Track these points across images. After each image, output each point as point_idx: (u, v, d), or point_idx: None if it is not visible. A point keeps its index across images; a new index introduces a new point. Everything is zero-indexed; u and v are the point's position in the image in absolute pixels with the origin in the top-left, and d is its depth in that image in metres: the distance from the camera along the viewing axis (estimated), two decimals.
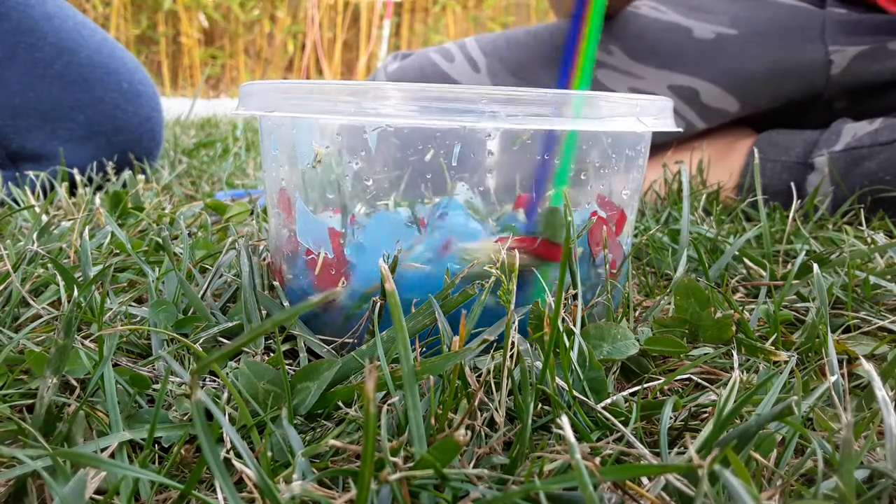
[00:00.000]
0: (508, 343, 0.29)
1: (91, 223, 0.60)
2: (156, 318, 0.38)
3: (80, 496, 0.23)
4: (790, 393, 0.31)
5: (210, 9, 3.81)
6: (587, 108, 0.34)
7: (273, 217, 0.41)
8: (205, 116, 2.16)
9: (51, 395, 0.28)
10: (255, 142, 1.34)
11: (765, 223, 0.51)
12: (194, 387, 0.20)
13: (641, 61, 0.82)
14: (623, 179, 0.40)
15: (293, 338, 0.37)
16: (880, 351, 0.38)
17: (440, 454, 0.23)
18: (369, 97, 0.33)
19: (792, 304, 0.46)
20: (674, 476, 0.23)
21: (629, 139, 0.39)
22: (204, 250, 0.51)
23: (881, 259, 0.51)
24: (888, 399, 0.25)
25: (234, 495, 0.21)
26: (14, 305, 0.39)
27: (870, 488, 0.24)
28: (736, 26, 0.81)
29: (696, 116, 0.82)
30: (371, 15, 4.35)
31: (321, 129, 0.36)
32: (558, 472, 0.25)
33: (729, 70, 0.80)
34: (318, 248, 0.38)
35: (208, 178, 0.97)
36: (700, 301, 0.39)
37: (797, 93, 0.80)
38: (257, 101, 0.37)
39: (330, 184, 0.37)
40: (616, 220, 0.40)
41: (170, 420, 0.29)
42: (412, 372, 0.24)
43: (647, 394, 0.34)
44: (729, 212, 0.72)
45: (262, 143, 0.42)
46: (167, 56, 3.92)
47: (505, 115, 0.32)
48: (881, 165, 0.70)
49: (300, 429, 0.30)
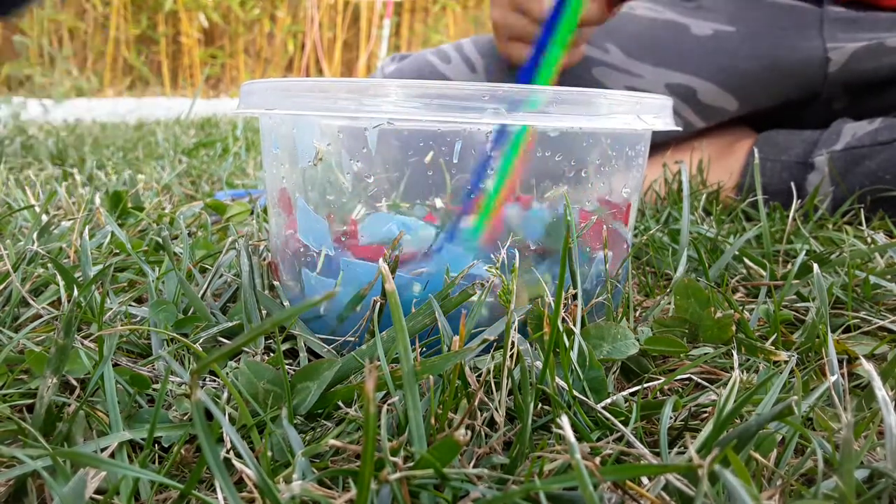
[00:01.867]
0: (508, 343, 0.29)
1: (91, 223, 0.60)
2: (156, 318, 0.38)
3: (80, 496, 0.23)
4: (790, 393, 0.31)
5: (210, 9, 3.81)
6: (586, 107, 0.34)
7: (273, 216, 0.41)
8: (205, 116, 2.16)
9: (51, 395, 0.28)
10: (255, 141, 1.34)
11: (765, 223, 0.51)
12: (194, 387, 0.20)
13: (639, 59, 0.82)
14: (623, 178, 0.40)
15: (293, 337, 0.37)
16: (880, 351, 0.38)
17: (440, 454, 0.23)
18: (370, 94, 0.33)
19: (792, 303, 0.46)
20: (674, 476, 0.23)
21: (629, 138, 0.39)
22: (204, 250, 0.51)
23: (881, 259, 0.51)
24: (888, 399, 0.25)
25: (234, 495, 0.21)
26: (14, 305, 0.39)
27: (870, 488, 0.24)
28: (734, 24, 0.81)
29: (694, 115, 0.82)
30: (371, 15, 4.35)
31: (322, 127, 0.36)
32: (558, 472, 0.25)
33: (727, 68, 0.80)
34: (318, 246, 0.38)
35: (208, 177, 0.97)
36: (700, 301, 0.39)
37: (795, 91, 0.80)
38: (258, 99, 0.37)
39: (330, 183, 0.37)
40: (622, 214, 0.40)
41: (170, 420, 0.29)
42: (412, 372, 0.25)
43: (647, 394, 0.34)
44: (729, 211, 0.72)
45: (262, 142, 0.42)
46: (167, 56, 3.92)
47: (506, 112, 0.32)
48: (881, 165, 0.70)
49: (300, 429, 0.30)
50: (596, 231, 0.39)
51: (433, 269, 0.36)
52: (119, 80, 3.78)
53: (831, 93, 0.80)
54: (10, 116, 1.72)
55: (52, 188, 0.74)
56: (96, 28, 3.73)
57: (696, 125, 0.83)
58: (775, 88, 0.80)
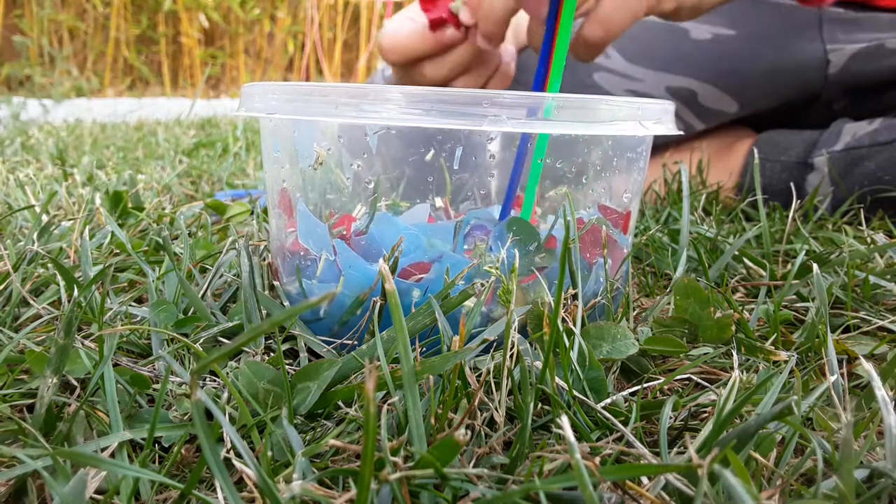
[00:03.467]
0: (508, 343, 0.29)
1: (91, 223, 0.60)
2: (156, 318, 0.38)
3: (80, 496, 0.23)
4: (790, 393, 0.31)
5: (210, 9, 3.81)
6: (588, 113, 0.34)
7: (274, 217, 0.41)
8: (205, 116, 2.16)
9: (51, 395, 0.28)
10: (255, 142, 1.34)
11: (764, 223, 0.51)
12: (194, 386, 0.20)
13: (639, 63, 0.82)
14: (624, 181, 0.40)
15: (293, 338, 0.37)
16: (880, 351, 0.38)
17: (440, 454, 0.23)
18: (371, 100, 0.33)
19: (792, 303, 0.46)
20: (673, 476, 0.23)
21: (630, 142, 0.39)
22: (204, 250, 0.51)
23: (881, 259, 0.51)
24: (888, 399, 0.25)
25: (235, 495, 0.21)
26: (14, 305, 0.39)
27: (869, 488, 0.24)
28: (733, 27, 0.81)
29: (694, 117, 0.82)
30: (371, 15, 4.35)
31: (322, 131, 0.36)
32: (558, 472, 0.25)
33: (727, 70, 0.80)
34: (319, 250, 0.38)
35: (208, 178, 0.97)
36: (700, 301, 0.39)
37: (796, 92, 0.80)
38: (259, 102, 0.37)
39: (330, 184, 0.37)
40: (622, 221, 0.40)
41: (170, 420, 0.29)
42: (412, 372, 0.25)
43: (646, 393, 0.34)
44: (729, 212, 0.72)
45: (263, 144, 0.42)
46: (167, 56, 3.92)
47: (507, 118, 0.32)
48: (881, 165, 0.70)
49: (300, 428, 0.30)
50: (595, 239, 0.39)
51: (432, 275, 0.36)
52: (119, 80, 3.78)
53: (831, 94, 0.80)
54: (10, 116, 1.72)
55: (52, 188, 0.74)
56: (96, 28, 3.73)
57: (696, 127, 0.83)
58: (775, 90, 0.80)
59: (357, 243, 0.38)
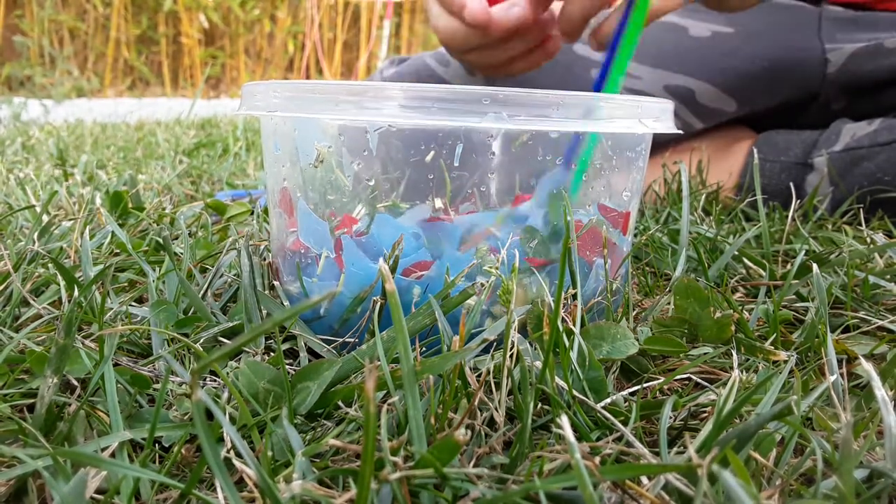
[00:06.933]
0: (508, 343, 0.29)
1: (91, 223, 0.60)
2: (156, 318, 0.38)
3: (80, 496, 0.23)
4: (789, 393, 0.31)
5: (210, 9, 3.81)
6: (587, 111, 0.34)
7: (274, 217, 0.41)
8: (205, 116, 2.16)
9: (51, 395, 0.28)
10: (255, 142, 1.34)
11: (764, 223, 0.51)
12: (195, 386, 0.20)
13: (637, 61, 0.82)
14: (623, 180, 0.40)
15: (293, 337, 0.37)
16: (879, 350, 0.38)
17: (440, 454, 0.23)
18: (370, 97, 0.33)
19: (791, 303, 0.46)
20: (673, 476, 0.23)
21: (629, 140, 0.39)
22: (204, 250, 0.51)
23: (880, 259, 0.51)
24: (887, 399, 0.25)
25: (235, 495, 0.21)
26: (15, 305, 0.39)
27: (869, 488, 0.24)
28: (732, 25, 0.81)
29: (693, 116, 0.82)
30: (371, 15, 4.35)
31: (323, 130, 0.36)
32: (558, 472, 0.25)
33: (725, 69, 0.80)
34: (319, 248, 0.38)
35: (208, 178, 0.97)
36: (699, 301, 0.39)
37: (794, 92, 0.80)
38: (260, 100, 0.37)
39: (331, 184, 0.37)
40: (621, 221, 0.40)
41: (170, 420, 0.29)
42: (412, 372, 0.25)
43: (646, 393, 0.34)
44: (728, 212, 0.72)
45: (263, 143, 0.42)
46: (167, 56, 3.92)
47: (507, 116, 0.32)
48: (880, 166, 0.70)
49: (300, 428, 0.30)
50: (594, 241, 0.39)
51: (433, 273, 0.36)
52: (119, 80, 3.79)
53: (829, 94, 0.80)
54: (10, 117, 1.72)
55: (52, 188, 0.74)
56: (97, 28, 3.73)
57: (694, 126, 0.83)
58: (774, 89, 0.80)
59: (358, 244, 0.38)
